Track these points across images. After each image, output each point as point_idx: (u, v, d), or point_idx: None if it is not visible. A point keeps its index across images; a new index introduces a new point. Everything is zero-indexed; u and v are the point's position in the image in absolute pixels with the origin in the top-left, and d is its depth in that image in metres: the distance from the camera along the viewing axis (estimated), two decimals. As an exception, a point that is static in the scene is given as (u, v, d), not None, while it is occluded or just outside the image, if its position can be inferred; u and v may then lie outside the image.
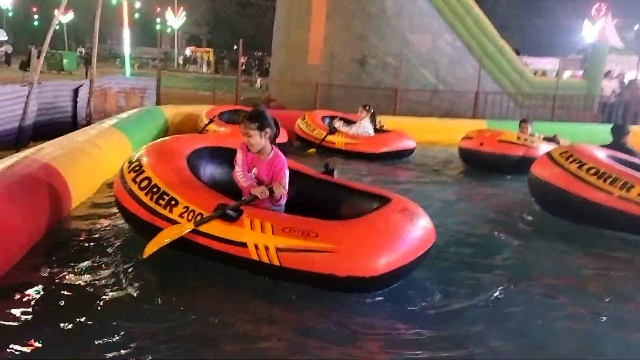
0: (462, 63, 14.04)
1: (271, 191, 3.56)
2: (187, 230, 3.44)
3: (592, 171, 5.28)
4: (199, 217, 3.47)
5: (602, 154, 5.73)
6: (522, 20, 52.30)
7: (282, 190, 3.61)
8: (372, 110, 8.95)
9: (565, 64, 20.15)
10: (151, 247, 3.51)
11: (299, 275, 3.31)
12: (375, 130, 9.10)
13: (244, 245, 3.35)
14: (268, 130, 3.61)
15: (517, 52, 15.19)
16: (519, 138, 8.11)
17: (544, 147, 8.19)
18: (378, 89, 13.47)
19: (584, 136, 10.58)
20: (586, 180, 5.26)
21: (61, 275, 3.49)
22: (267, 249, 3.30)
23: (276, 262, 3.30)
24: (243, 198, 3.58)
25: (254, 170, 3.75)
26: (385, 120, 9.94)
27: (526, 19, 52.62)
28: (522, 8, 54.25)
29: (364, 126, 8.80)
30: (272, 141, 3.71)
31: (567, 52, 41.54)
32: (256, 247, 3.32)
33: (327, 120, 9.43)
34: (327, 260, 3.21)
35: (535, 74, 17.16)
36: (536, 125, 9.01)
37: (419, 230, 3.56)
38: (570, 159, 5.51)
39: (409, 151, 9.01)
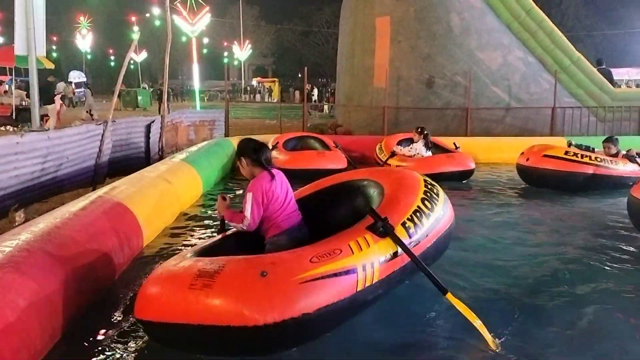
0: (535, 78, 13.39)
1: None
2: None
3: None
4: None
5: None
6: (593, 30, 50.22)
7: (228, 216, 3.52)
8: (425, 132, 8.96)
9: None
10: None
11: None
12: (444, 150, 9.21)
13: None
14: (242, 158, 3.60)
15: (600, 63, 14.32)
16: (567, 153, 7.64)
17: (620, 166, 7.63)
18: (447, 109, 13.07)
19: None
20: None
21: (130, 320, 3.40)
22: None
23: None
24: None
25: None
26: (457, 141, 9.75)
27: (597, 29, 50.49)
28: (592, 19, 52.19)
29: (416, 148, 8.89)
30: (264, 165, 3.56)
31: (647, 61, 39.27)
32: None
33: (403, 144, 9.35)
34: None
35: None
36: (621, 140, 8.33)
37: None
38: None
39: (463, 173, 8.59)
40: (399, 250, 3.21)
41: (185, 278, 2.72)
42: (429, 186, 3.94)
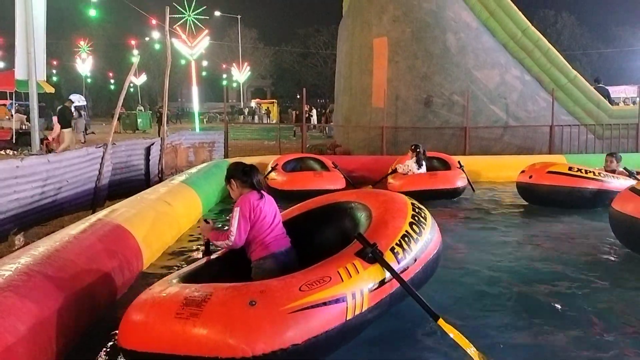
0: (533, 97, 13.49)
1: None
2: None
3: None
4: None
5: None
6: (588, 49, 50.77)
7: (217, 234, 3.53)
8: (417, 150, 9.09)
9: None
10: None
11: None
12: (447, 167, 9.43)
13: None
14: (232, 180, 3.63)
15: (597, 81, 14.44)
16: (571, 169, 7.61)
17: (622, 181, 7.58)
18: (446, 128, 13.12)
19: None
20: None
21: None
22: None
23: None
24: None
25: None
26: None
27: (592, 47, 51.06)
28: (587, 37, 52.82)
29: (408, 165, 9.07)
30: (255, 187, 3.59)
31: (642, 78, 39.59)
32: None
33: None
34: None
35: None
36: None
37: None
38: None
39: (449, 192, 8.55)
40: (388, 276, 3.15)
41: (171, 306, 2.65)
42: (417, 210, 3.88)
